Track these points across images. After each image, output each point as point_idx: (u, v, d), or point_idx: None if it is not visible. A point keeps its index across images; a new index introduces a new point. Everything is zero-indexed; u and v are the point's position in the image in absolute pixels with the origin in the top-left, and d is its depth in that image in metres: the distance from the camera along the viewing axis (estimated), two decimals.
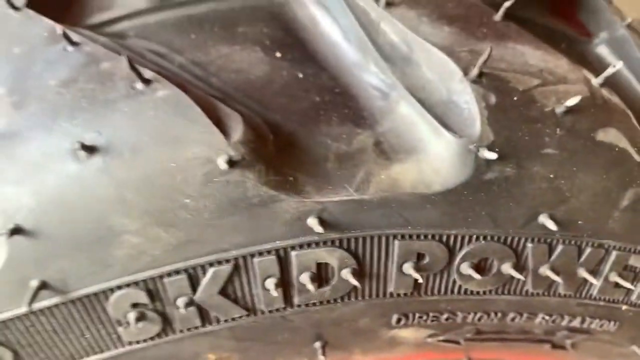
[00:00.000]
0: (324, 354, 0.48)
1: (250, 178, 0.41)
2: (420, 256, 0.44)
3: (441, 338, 0.50)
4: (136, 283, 0.41)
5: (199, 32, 0.54)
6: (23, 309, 0.41)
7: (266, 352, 0.48)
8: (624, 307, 0.53)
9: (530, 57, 0.48)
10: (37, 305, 0.41)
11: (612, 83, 0.60)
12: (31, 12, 0.52)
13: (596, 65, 0.67)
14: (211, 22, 0.55)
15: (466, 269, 0.45)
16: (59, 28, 0.49)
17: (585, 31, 0.69)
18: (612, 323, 0.54)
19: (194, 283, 0.42)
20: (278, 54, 0.52)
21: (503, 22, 0.52)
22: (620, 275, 0.50)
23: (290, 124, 0.46)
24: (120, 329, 0.43)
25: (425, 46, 0.46)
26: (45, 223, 0.40)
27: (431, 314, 0.48)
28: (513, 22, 0.58)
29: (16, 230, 0.40)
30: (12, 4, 0.53)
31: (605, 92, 0.49)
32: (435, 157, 0.44)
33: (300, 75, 0.50)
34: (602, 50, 0.66)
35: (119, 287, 0.41)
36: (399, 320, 0.48)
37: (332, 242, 0.43)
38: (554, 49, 0.55)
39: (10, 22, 0.53)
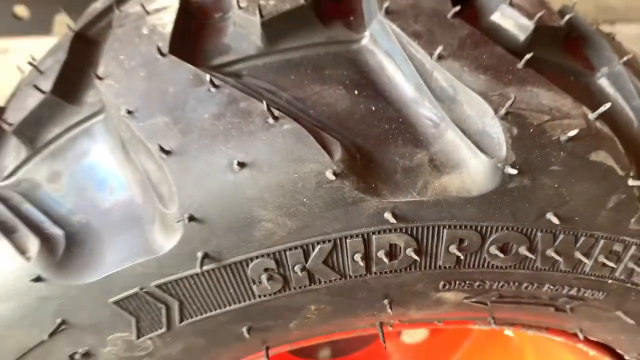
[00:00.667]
0: (390, 308, 0.67)
1: (347, 185, 0.59)
2: (461, 241, 0.63)
3: (473, 300, 0.68)
4: (268, 254, 0.61)
5: (296, 73, 0.72)
6: (192, 272, 0.61)
7: (350, 305, 0.67)
8: (610, 281, 0.71)
9: (543, 97, 0.66)
10: (202, 269, 0.61)
11: (610, 112, 0.78)
12: (174, 58, 0.71)
13: (597, 95, 0.84)
14: (305, 66, 0.73)
15: (494, 250, 0.63)
16: (204, 74, 0.68)
17: (590, 65, 0.85)
18: (600, 293, 0.72)
19: (306, 255, 0.61)
20: (356, 92, 0.70)
21: (524, 69, 0.69)
22: (606, 258, 0.68)
23: (369, 146, 0.64)
24: (254, 286, 0.62)
25: (467, 90, 0.64)
26: (210, 213, 0.59)
27: (467, 282, 0.66)
28: (533, 63, 0.76)
29: (191, 218, 0.59)
30: (160, 51, 0.72)
31: (598, 124, 0.66)
32: (473, 171, 0.62)
33: (373, 108, 0.68)
34: (603, 82, 0.83)
35: (257, 257, 0.60)
36: (444, 286, 0.66)
37: (401, 229, 0.62)
38: (561, 89, 0.72)
39: (160, 66, 0.72)
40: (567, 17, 0.81)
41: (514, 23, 0.77)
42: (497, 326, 0.76)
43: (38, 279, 0.62)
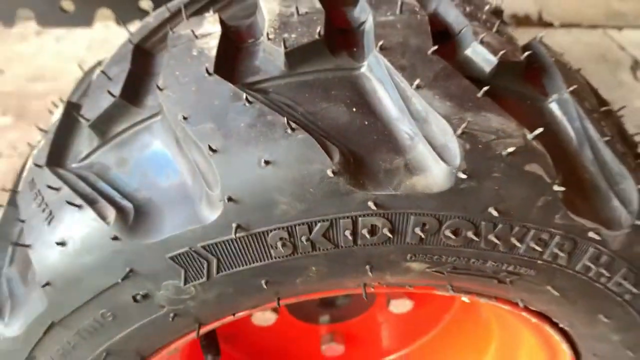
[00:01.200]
0: (371, 272, 0.90)
1: (342, 181, 0.81)
2: (424, 224, 0.85)
3: (433, 269, 0.91)
4: (283, 228, 0.83)
5: (309, 92, 0.94)
6: (228, 237, 0.84)
7: (341, 268, 0.89)
8: (539, 262, 0.93)
9: (493, 121, 0.87)
10: (236, 236, 0.83)
11: (556, 131, 0.98)
12: (218, 77, 0.93)
13: (547, 117, 1.04)
14: (316, 87, 0.94)
15: (448, 233, 0.86)
16: (241, 92, 0.90)
17: (545, 92, 1.05)
18: (532, 270, 0.94)
19: (310, 230, 0.84)
20: (354, 109, 0.91)
21: (482, 97, 0.90)
22: (536, 244, 0.89)
23: (361, 152, 0.86)
24: (272, 250, 0.85)
25: (435, 114, 0.85)
26: (243, 196, 0.81)
27: (428, 255, 0.89)
28: (496, 90, 0.97)
29: (229, 199, 0.82)
30: (207, 71, 0.94)
31: (534, 143, 0.87)
32: (435, 174, 0.84)
33: (366, 123, 0.90)
34: (553, 106, 1.03)
35: (274, 229, 0.83)
36: (410, 258, 0.89)
37: (379, 214, 0.84)
38: (516, 112, 0.93)
39: (208, 82, 0.94)
40: (526, 53, 1.02)
41: (482, 58, 0.98)
42: (455, 293, 0.99)
43: (115, 238, 0.85)
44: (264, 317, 1.48)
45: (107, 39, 3.64)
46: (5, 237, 1.12)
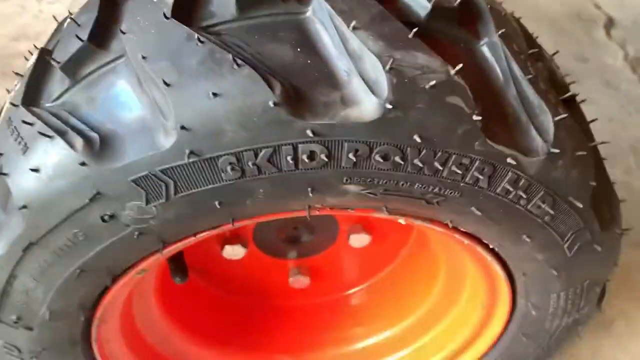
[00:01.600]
0: (312, 194, 1.01)
1: (283, 112, 0.92)
2: (356, 150, 0.96)
3: (367, 191, 1.03)
4: (231, 153, 0.94)
5: (258, 34, 1.02)
6: (182, 162, 0.94)
7: (286, 191, 1.01)
8: (462, 184, 1.05)
9: (420, 59, 0.97)
10: (188, 160, 0.94)
11: (486, 71, 1.09)
12: (175, 21, 1.02)
13: (479, 58, 1.14)
14: (265, 29, 1.02)
15: (378, 157, 0.97)
16: (194, 33, 0.99)
17: (478, 35, 1.15)
18: (457, 192, 1.06)
19: (256, 155, 0.95)
20: (299, 49, 1.00)
21: (412, 38, 1.00)
22: (457, 168, 1.01)
23: (302, 87, 0.96)
24: (222, 174, 0.96)
25: (368, 52, 0.96)
26: (194, 125, 0.91)
27: (361, 178, 1.00)
28: (430, 33, 1.07)
29: (182, 127, 0.92)
30: (165, 16, 1.03)
31: (456, 78, 0.98)
32: (367, 106, 0.94)
33: (309, 62, 0.99)
34: (484, 49, 1.13)
35: (224, 155, 0.94)
36: (346, 180, 1.00)
37: (317, 141, 0.94)
38: (449, 54, 1.03)
39: (165, 26, 1.03)
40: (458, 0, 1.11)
41: (417, 4, 1.07)
42: (391, 215, 1.11)
43: (83, 164, 0.96)
44: (233, 252, 1.61)
45: None
46: None
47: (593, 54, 3.87)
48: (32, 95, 1.13)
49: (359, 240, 1.64)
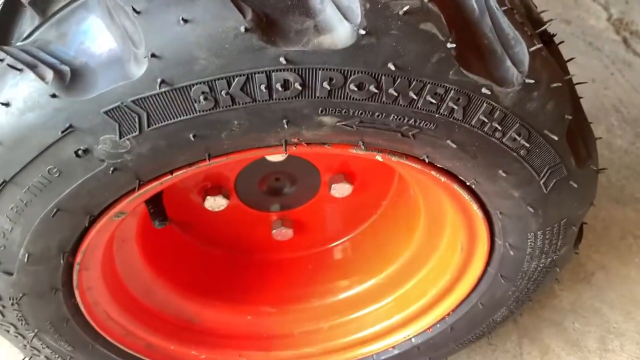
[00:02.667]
0: (287, 126, 1.01)
1: (255, 38, 0.91)
2: (330, 79, 0.96)
3: (343, 123, 1.03)
4: (203, 82, 0.93)
5: None
6: (154, 92, 0.93)
7: (260, 123, 1.00)
8: (437, 116, 1.05)
9: None
10: (160, 90, 0.93)
11: (461, 2, 1.08)
12: None
13: None
14: None
15: (352, 87, 0.96)
16: None
17: None
18: (432, 124, 1.06)
19: (229, 84, 0.94)
20: None
21: None
22: (432, 98, 1.01)
23: (275, 15, 0.94)
24: (195, 104, 0.95)
25: None
26: (165, 53, 0.91)
27: (337, 109, 0.99)
28: None
29: (152, 55, 0.91)
30: None
31: (430, 4, 0.97)
32: (340, 33, 0.93)
33: None
34: None
35: (196, 84, 0.93)
36: (321, 111, 0.99)
37: (291, 70, 0.94)
38: None
39: None
40: None
41: None
42: (368, 151, 1.11)
43: (53, 96, 0.95)
44: (215, 203, 1.61)
45: None
46: None
47: (576, 15, 3.87)
48: (2, 35, 1.11)
49: (340, 190, 1.64)
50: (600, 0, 3.96)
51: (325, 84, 0.96)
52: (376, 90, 0.98)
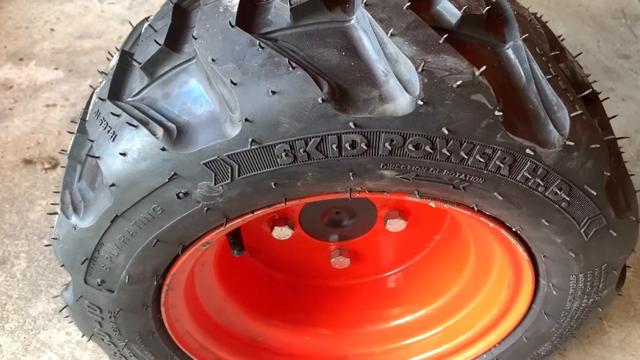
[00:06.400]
0: (353, 178, 1.18)
1: (330, 107, 1.09)
2: (392, 140, 1.12)
3: (401, 176, 1.19)
4: (285, 142, 1.11)
5: (309, 40, 1.19)
6: (245, 148, 1.12)
7: (331, 174, 1.17)
8: (485, 172, 1.19)
9: (449, 61, 1.11)
10: (251, 147, 1.12)
11: (509, 70, 1.23)
12: (239, 29, 1.20)
13: (504, 59, 1.28)
14: (315, 36, 1.19)
15: (410, 147, 1.13)
16: (256, 39, 1.17)
17: (504, 39, 1.29)
18: (481, 179, 1.21)
19: (306, 143, 1.12)
20: (344, 53, 1.17)
21: (443, 43, 1.15)
22: (481, 157, 1.16)
23: (346, 85, 1.12)
24: (278, 159, 1.13)
25: (404, 56, 1.11)
26: (256, 118, 1.09)
27: (396, 164, 1.16)
28: (460, 37, 1.22)
29: (246, 120, 1.10)
30: (231, 24, 1.21)
31: (481, 78, 1.12)
32: (401, 102, 1.10)
33: (352, 64, 1.15)
34: (509, 51, 1.27)
35: (279, 143, 1.11)
36: (383, 166, 1.16)
37: (358, 132, 1.11)
38: (476, 56, 1.18)
39: (231, 33, 1.21)
40: (487, 7, 1.25)
41: (449, 12, 1.22)
42: (422, 199, 1.26)
43: (163, 149, 1.15)
44: (282, 233, 1.79)
45: None
46: (76, 159, 1.45)
47: (636, 50, 3.89)
48: (116, 91, 1.34)
49: (395, 225, 1.79)
50: None
51: (387, 144, 1.13)
52: (431, 150, 1.14)
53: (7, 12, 3.85)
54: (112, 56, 1.59)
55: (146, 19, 1.51)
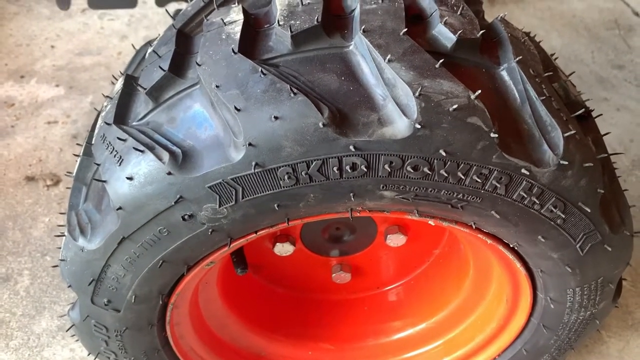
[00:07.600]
0: (353, 199, 1.21)
1: (331, 131, 1.12)
2: (391, 162, 1.16)
3: (401, 196, 1.22)
4: (288, 165, 1.14)
5: (309, 65, 1.22)
6: (249, 172, 1.16)
7: (332, 196, 1.20)
8: (482, 191, 1.22)
9: (445, 85, 1.15)
10: (254, 171, 1.15)
11: (503, 92, 1.26)
12: (242, 55, 1.24)
13: (498, 81, 1.31)
14: (315, 61, 1.22)
15: (409, 168, 1.16)
16: (258, 66, 1.20)
17: (498, 61, 1.32)
18: (478, 198, 1.24)
19: (308, 166, 1.15)
20: (343, 78, 1.21)
21: (439, 68, 1.18)
22: (478, 177, 1.19)
23: (346, 110, 1.16)
24: (280, 181, 1.17)
25: (401, 81, 1.15)
26: (259, 142, 1.13)
27: (395, 185, 1.19)
28: (456, 60, 1.26)
29: (249, 144, 1.14)
30: (234, 51, 1.25)
31: (476, 101, 1.15)
32: (400, 126, 1.13)
33: (351, 88, 1.18)
34: (504, 73, 1.31)
35: (282, 166, 1.15)
36: (383, 187, 1.20)
37: (358, 155, 1.14)
38: (471, 78, 1.21)
39: (234, 60, 1.25)
40: (482, 31, 1.28)
41: (444, 36, 1.26)
42: (421, 217, 1.30)
43: (169, 174, 1.18)
44: (283, 249, 1.82)
45: (145, 15, 3.98)
46: (82, 181, 1.48)
47: (629, 60, 3.94)
48: (121, 116, 1.37)
49: (395, 240, 1.82)
50: None
51: (386, 166, 1.16)
52: (429, 172, 1.17)
53: (8, 30, 3.89)
54: (116, 79, 1.63)
55: (149, 43, 1.55)
